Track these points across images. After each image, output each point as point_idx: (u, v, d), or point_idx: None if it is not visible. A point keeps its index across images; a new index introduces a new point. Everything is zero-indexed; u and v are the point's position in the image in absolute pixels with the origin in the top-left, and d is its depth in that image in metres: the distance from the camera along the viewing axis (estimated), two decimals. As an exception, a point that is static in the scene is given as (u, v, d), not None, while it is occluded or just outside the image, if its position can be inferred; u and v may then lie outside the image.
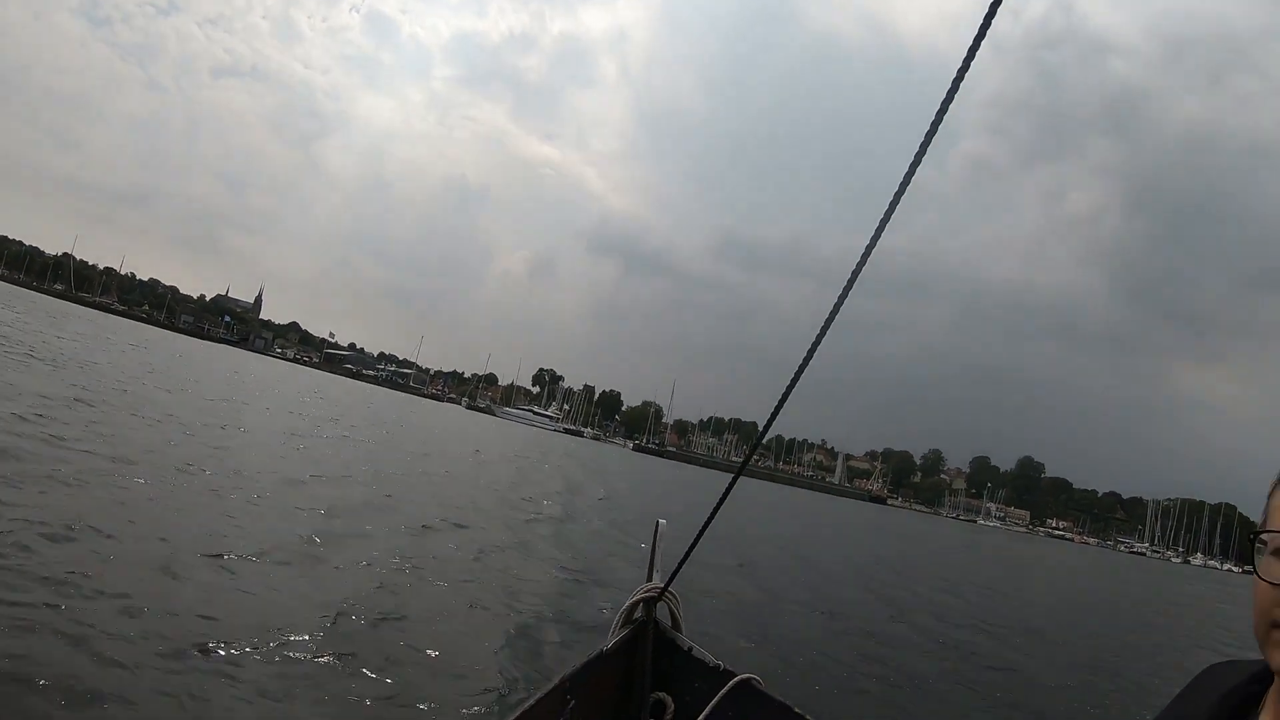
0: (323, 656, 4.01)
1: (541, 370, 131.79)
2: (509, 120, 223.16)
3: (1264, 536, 0.70)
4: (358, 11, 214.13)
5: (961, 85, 1.17)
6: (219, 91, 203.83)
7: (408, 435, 23.55)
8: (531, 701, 1.70)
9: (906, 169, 1.25)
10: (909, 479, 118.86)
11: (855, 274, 1.39)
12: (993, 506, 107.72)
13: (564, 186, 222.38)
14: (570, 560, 8.32)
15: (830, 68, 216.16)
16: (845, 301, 1.42)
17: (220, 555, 5.30)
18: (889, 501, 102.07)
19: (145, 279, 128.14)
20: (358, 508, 8.37)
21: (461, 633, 5.01)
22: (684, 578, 2.02)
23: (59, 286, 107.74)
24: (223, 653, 3.74)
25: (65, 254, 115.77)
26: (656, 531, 2.24)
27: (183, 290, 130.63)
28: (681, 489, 27.92)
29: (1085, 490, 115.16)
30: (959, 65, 1.16)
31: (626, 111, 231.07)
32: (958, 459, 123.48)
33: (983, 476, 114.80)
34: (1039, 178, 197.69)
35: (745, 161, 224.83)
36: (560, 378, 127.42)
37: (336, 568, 5.78)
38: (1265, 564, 0.69)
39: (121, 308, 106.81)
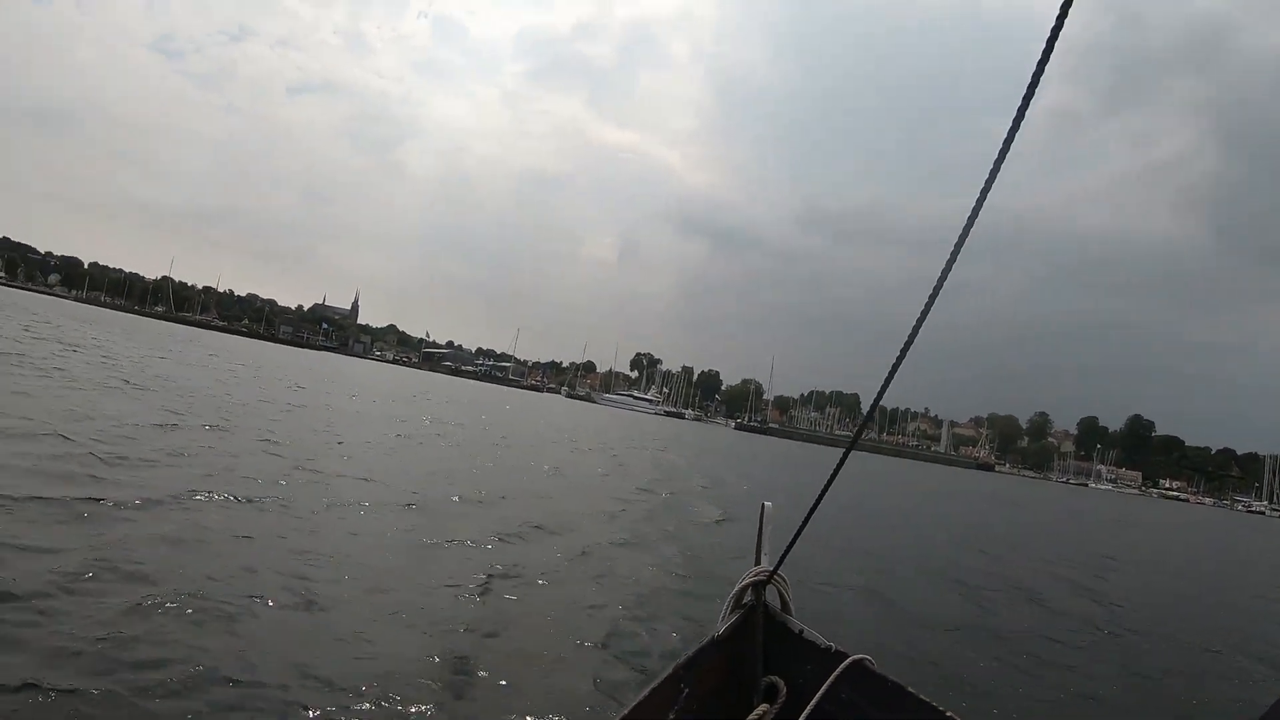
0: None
1: (639, 354, 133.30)
2: (584, 109, 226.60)
3: None
4: (425, 17, 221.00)
5: (1039, 38, 1.14)
6: (296, 108, 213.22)
7: (527, 434, 22.37)
8: (645, 693, 1.70)
9: (1005, 135, 1.22)
10: (1015, 444, 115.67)
11: (959, 244, 1.36)
12: (1103, 469, 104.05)
13: (645, 170, 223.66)
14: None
15: (902, 27, 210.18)
16: (951, 271, 1.38)
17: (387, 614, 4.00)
18: (997, 468, 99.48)
19: (243, 294, 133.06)
20: (516, 533, 6.92)
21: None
22: (792, 559, 1.99)
23: (160, 308, 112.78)
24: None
25: (164, 277, 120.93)
26: (763, 513, 2.23)
27: (281, 303, 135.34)
28: (808, 472, 25.69)
29: (1198, 448, 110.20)
30: (1050, 23, 1.13)
31: (701, 89, 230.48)
32: (1064, 421, 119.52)
33: (1091, 438, 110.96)
34: (1125, 123, 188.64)
35: (824, 129, 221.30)
36: (658, 361, 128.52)
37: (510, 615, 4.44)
38: None
39: (221, 323, 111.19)
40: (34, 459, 6.27)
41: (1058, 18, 1.13)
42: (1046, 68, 1.16)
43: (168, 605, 3.68)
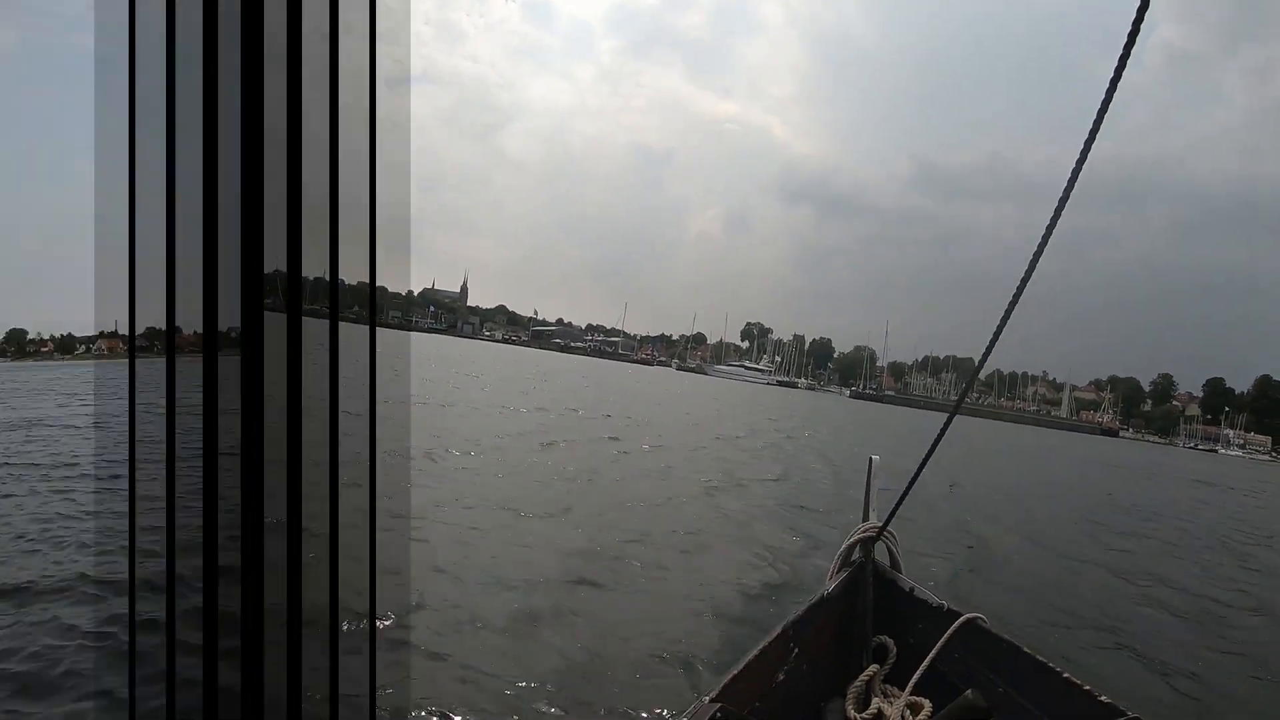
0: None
1: (749, 324, 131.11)
2: (682, 81, 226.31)
3: None
4: (513, 1, 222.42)
5: None
6: (395, 99, 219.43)
7: (645, 416, 21.05)
8: (755, 652, 1.66)
9: (1110, 77, 1.19)
10: (1138, 408, 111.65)
11: (1065, 195, 1.29)
12: (1231, 433, 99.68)
13: (748, 139, 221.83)
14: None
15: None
16: (1058, 223, 1.34)
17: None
18: (1120, 434, 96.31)
19: (353, 284, 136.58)
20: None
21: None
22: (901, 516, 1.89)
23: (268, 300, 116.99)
24: None
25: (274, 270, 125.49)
26: (870, 469, 2.15)
27: (391, 289, 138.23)
28: (951, 447, 23.61)
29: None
30: None
31: (798, 53, 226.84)
32: (1190, 383, 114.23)
33: (1218, 401, 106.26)
34: (1245, 59, 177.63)
35: (925, 84, 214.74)
36: (769, 330, 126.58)
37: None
38: None
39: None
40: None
41: None
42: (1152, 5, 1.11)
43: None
